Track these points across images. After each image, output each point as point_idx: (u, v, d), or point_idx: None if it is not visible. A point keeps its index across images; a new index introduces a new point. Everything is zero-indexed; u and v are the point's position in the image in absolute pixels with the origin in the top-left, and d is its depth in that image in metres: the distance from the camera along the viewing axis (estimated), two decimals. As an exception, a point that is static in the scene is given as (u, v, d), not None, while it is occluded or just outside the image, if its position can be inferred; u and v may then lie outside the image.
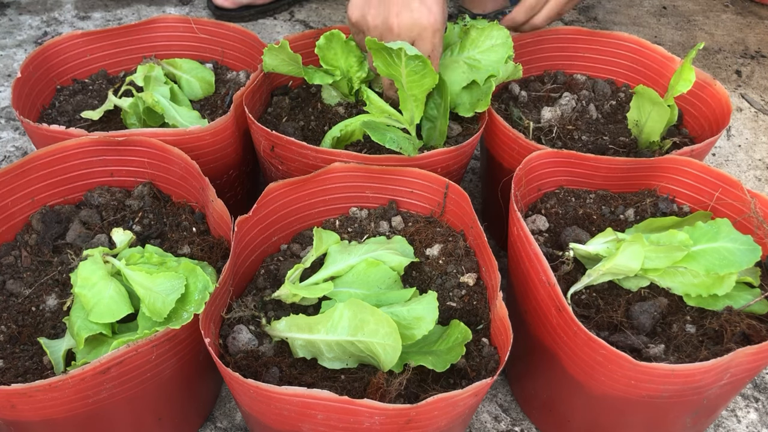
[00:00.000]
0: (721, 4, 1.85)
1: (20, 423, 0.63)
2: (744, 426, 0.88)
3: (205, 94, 1.06)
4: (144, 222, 0.82)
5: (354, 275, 0.74)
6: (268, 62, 0.92)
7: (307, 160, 0.83)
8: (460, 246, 0.80)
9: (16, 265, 0.78)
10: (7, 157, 1.21)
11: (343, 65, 0.94)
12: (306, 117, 0.97)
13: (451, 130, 0.94)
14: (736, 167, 1.31)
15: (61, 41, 1.03)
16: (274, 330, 0.68)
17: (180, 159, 0.82)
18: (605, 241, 0.75)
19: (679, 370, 0.62)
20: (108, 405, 0.64)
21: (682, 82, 0.88)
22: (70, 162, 0.83)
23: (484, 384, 0.59)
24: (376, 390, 0.62)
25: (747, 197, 0.79)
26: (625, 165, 0.85)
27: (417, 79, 0.78)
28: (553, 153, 0.83)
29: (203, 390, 0.81)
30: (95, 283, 0.68)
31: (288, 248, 0.83)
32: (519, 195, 0.80)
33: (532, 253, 0.70)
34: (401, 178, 0.83)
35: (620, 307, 0.73)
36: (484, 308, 0.74)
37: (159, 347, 0.64)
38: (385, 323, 0.62)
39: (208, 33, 1.10)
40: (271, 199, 0.79)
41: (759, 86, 1.53)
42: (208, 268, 0.74)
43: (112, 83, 1.06)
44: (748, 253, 0.72)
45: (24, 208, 0.82)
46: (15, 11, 1.62)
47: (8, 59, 1.46)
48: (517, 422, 0.86)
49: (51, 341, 0.69)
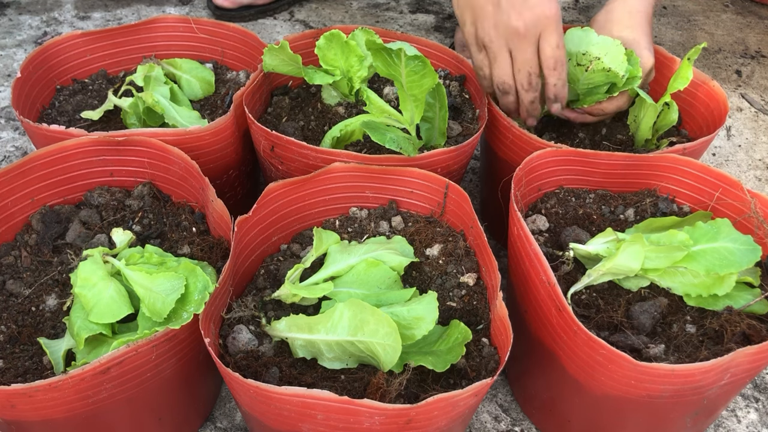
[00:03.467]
0: (721, 4, 1.85)
1: (20, 423, 0.63)
2: (744, 426, 0.88)
3: (205, 94, 1.06)
4: (144, 222, 0.82)
5: (354, 275, 0.74)
6: (268, 62, 0.92)
7: (307, 160, 0.83)
8: (460, 246, 0.80)
9: (16, 265, 0.78)
10: (7, 157, 1.21)
11: (343, 65, 0.94)
12: (306, 117, 0.97)
13: (451, 130, 0.94)
14: (736, 167, 1.31)
15: (61, 41, 1.03)
16: (274, 330, 0.68)
17: (180, 159, 0.82)
18: (605, 241, 0.75)
19: (679, 370, 0.62)
20: (108, 405, 0.64)
21: (680, 80, 0.88)
22: (70, 162, 0.83)
23: (484, 384, 0.59)
24: (376, 390, 0.62)
25: (747, 197, 0.79)
26: (625, 161, 0.85)
27: (417, 79, 0.78)
28: (554, 152, 0.83)
29: (203, 390, 0.81)
30: (95, 283, 0.68)
31: (288, 248, 0.83)
32: (519, 195, 0.80)
33: (532, 253, 0.70)
34: (401, 178, 0.83)
35: (620, 307, 0.73)
36: (484, 308, 0.74)
37: (159, 347, 0.64)
38: (385, 323, 0.62)
39: (208, 33, 1.10)
40: (271, 199, 0.79)
41: (759, 86, 1.53)
42: (208, 268, 0.74)
43: (112, 83, 1.06)
44: (748, 253, 0.72)
45: (24, 208, 0.82)
46: (15, 11, 1.62)
47: (8, 59, 1.46)
48: (517, 422, 0.86)
49: (51, 341, 0.69)
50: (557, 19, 0.84)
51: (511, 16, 0.83)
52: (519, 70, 0.86)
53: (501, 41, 0.85)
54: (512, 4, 0.83)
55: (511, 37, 0.84)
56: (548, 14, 0.83)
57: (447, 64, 1.05)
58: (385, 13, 1.70)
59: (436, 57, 1.05)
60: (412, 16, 1.70)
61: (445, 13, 1.72)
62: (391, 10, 1.72)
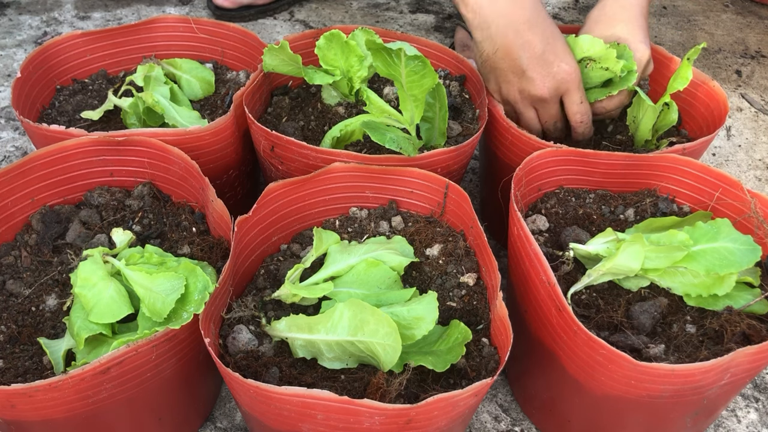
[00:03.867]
0: (721, 4, 1.85)
1: (20, 423, 0.63)
2: (744, 426, 0.88)
3: (205, 94, 1.06)
4: (144, 222, 0.82)
5: (354, 275, 0.74)
6: (268, 62, 0.92)
7: (307, 160, 0.83)
8: (460, 246, 0.80)
9: (16, 265, 0.78)
10: (7, 157, 1.21)
11: (343, 65, 0.94)
12: (306, 117, 0.97)
13: (451, 130, 0.94)
14: (736, 167, 1.31)
15: (61, 41, 1.02)
16: (274, 330, 0.68)
17: (180, 159, 0.82)
18: (605, 241, 0.75)
19: (679, 370, 0.62)
20: (108, 405, 0.64)
21: (679, 80, 0.88)
22: (70, 162, 0.83)
23: (484, 384, 0.59)
24: (376, 390, 0.62)
25: (747, 197, 0.79)
26: (625, 161, 0.85)
27: (417, 79, 0.78)
28: (554, 152, 0.84)
29: (203, 390, 0.81)
30: (95, 283, 0.68)
31: (288, 248, 0.83)
32: (519, 195, 0.80)
33: (532, 253, 0.70)
34: (401, 178, 0.83)
35: (620, 307, 0.73)
36: (484, 308, 0.74)
37: (159, 347, 0.64)
38: (385, 323, 0.62)
39: (208, 33, 1.10)
40: (271, 199, 0.79)
41: (759, 86, 1.53)
42: (208, 268, 0.74)
43: (112, 83, 1.06)
44: (748, 253, 0.72)
45: (24, 208, 0.82)
46: (15, 11, 1.62)
47: (8, 59, 1.46)
48: (517, 422, 0.86)
49: (51, 341, 0.69)
50: (578, 77, 0.89)
51: (535, 85, 0.88)
52: (546, 122, 0.93)
53: (526, 102, 0.91)
54: (535, 73, 0.87)
55: (536, 101, 0.90)
56: (569, 78, 0.88)
57: (447, 64, 1.05)
58: (385, 13, 1.70)
59: (436, 57, 1.05)
60: (412, 16, 1.70)
61: (445, 13, 1.72)
62: (391, 10, 1.72)
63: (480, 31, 0.88)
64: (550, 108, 0.91)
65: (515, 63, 0.87)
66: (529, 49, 0.86)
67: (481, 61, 0.91)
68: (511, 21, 0.86)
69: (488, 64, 0.90)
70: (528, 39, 0.86)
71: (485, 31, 0.87)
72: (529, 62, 0.86)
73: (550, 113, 0.92)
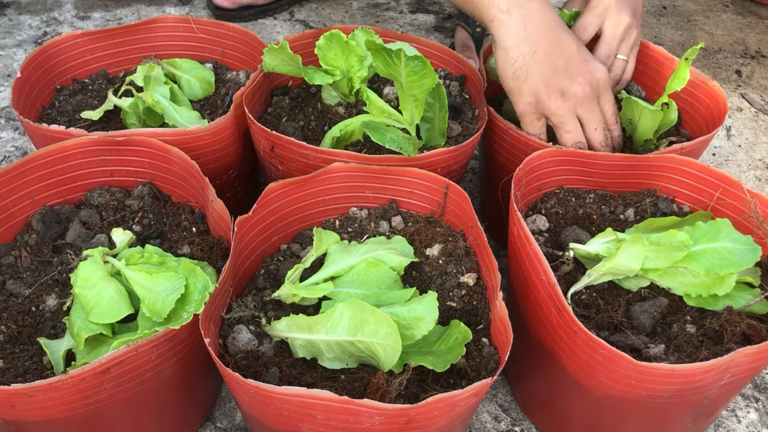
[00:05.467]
0: (721, 4, 1.85)
1: (20, 423, 0.63)
2: (744, 426, 0.88)
3: (205, 94, 1.06)
4: (144, 222, 0.82)
5: (354, 275, 0.74)
6: (268, 62, 0.92)
7: (307, 160, 0.83)
8: (460, 246, 0.80)
9: (16, 265, 0.78)
10: (7, 157, 1.21)
11: (343, 65, 0.94)
12: (306, 117, 0.97)
13: (451, 130, 0.94)
14: (736, 167, 1.31)
15: (60, 41, 1.02)
16: (274, 330, 0.68)
17: (180, 159, 0.82)
18: (605, 241, 0.75)
19: (679, 370, 0.62)
20: (108, 405, 0.64)
21: (677, 80, 0.88)
22: (70, 162, 0.83)
23: (484, 384, 0.59)
24: (376, 390, 0.62)
25: (747, 197, 0.79)
26: (625, 161, 0.85)
27: (417, 79, 0.78)
28: (553, 152, 0.84)
29: (203, 390, 0.81)
30: (95, 283, 0.68)
31: (288, 248, 0.83)
32: (519, 195, 0.80)
33: (532, 253, 0.71)
34: (401, 178, 0.83)
35: (620, 307, 0.73)
36: (484, 308, 0.74)
37: (159, 347, 0.64)
38: (385, 323, 0.62)
39: (208, 33, 1.10)
40: (271, 199, 0.79)
41: (759, 86, 1.53)
42: (208, 268, 0.74)
43: (112, 83, 1.06)
44: (748, 253, 0.72)
45: (24, 208, 0.82)
46: (15, 11, 1.62)
47: (8, 59, 1.46)
48: (517, 422, 0.86)
49: (51, 341, 0.69)
50: (606, 80, 0.88)
51: (579, 83, 0.85)
52: (596, 129, 0.88)
53: (569, 109, 0.86)
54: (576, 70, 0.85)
55: (581, 104, 0.86)
56: (605, 76, 0.88)
57: (447, 64, 1.05)
58: (385, 13, 1.70)
59: (436, 57, 1.05)
60: (412, 16, 1.70)
61: (445, 13, 1.72)
62: (391, 10, 1.72)
63: (514, 34, 0.83)
64: (595, 110, 0.87)
65: (556, 62, 0.84)
66: (567, 47, 0.84)
67: (513, 70, 0.85)
68: (546, 21, 0.84)
69: (524, 70, 0.84)
70: (564, 37, 0.84)
71: (521, 32, 0.83)
72: (569, 61, 0.84)
73: (597, 116, 0.87)
